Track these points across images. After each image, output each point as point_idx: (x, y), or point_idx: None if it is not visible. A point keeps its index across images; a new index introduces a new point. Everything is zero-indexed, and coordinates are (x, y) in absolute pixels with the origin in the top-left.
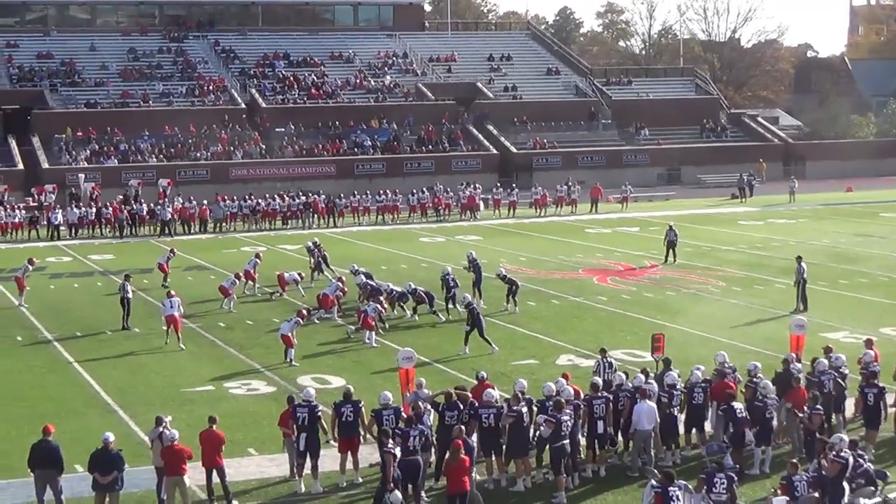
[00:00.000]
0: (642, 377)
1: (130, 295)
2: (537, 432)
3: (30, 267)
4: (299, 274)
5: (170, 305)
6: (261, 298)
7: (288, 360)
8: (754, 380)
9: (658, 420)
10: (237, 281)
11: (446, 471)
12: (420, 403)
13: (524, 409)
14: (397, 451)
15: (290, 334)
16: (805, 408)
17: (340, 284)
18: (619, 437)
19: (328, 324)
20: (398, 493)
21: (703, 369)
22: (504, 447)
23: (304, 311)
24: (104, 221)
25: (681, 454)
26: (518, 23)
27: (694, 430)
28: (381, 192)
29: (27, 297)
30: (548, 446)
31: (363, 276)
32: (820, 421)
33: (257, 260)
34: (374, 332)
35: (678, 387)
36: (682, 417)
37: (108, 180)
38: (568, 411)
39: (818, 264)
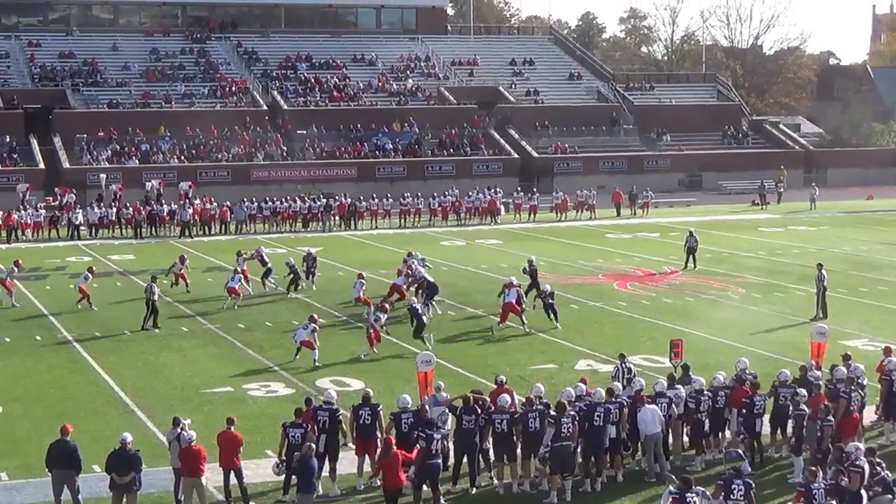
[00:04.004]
0: (642, 382)
1: (157, 297)
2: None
3: (16, 269)
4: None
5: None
6: (279, 298)
7: (314, 362)
8: (780, 388)
9: (663, 421)
10: (239, 275)
11: (381, 466)
12: (427, 408)
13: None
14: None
15: (309, 339)
16: (818, 420)
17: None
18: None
19: (348, 327)
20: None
21: (724, 374)
22: (518, 451)
23: (315, 316)
24: (124, 222)
25: (703, 459)
26: (540, 27)
27: (714, 435)
28: (404, 195)
29: (17, 296)
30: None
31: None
32: (831, 432)
33: (245, 257)
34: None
35: (705, 392)
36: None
37: (129, 181)
38: (572, 413)
39: (838, 272)
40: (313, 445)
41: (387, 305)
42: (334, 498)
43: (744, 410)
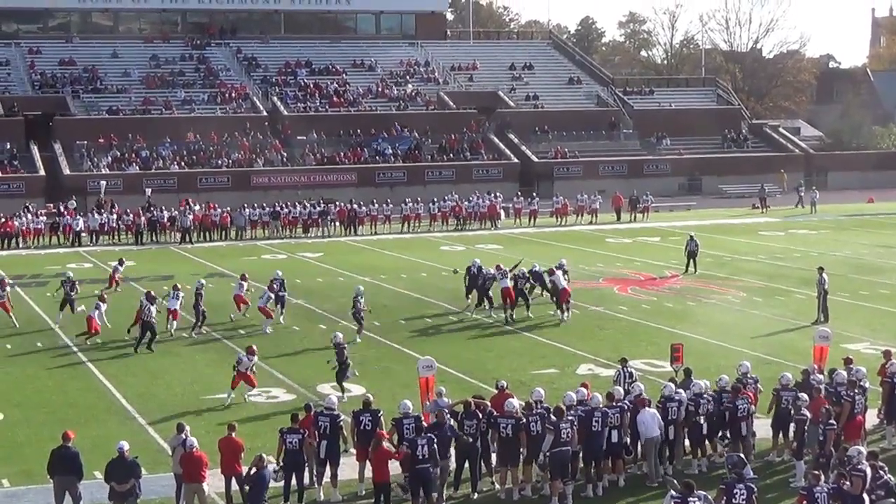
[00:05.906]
0: (641, 386)
1: (154, 317)
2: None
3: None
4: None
5: (95, 308)
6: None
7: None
8: (782, 392)
9: (662, 424)
10: (243, 283)
11: (371, 460)
12: (443, 412)
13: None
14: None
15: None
16: (819, 423)
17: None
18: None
19: (347, 331)
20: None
21: (726, 378)
22: (522, 457)
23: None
24: (125, 228)
25: (708, 462)
26: (540, 32)
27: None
28: (404, 201)
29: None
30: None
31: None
32: (834, 437)
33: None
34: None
35: (705, 396)
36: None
37: (130, 187)
38: (570, 418)
39: (839, 275)
40: (264, 456)
41: (254, 347)
42: (336, 503)
43: (727, 414)
